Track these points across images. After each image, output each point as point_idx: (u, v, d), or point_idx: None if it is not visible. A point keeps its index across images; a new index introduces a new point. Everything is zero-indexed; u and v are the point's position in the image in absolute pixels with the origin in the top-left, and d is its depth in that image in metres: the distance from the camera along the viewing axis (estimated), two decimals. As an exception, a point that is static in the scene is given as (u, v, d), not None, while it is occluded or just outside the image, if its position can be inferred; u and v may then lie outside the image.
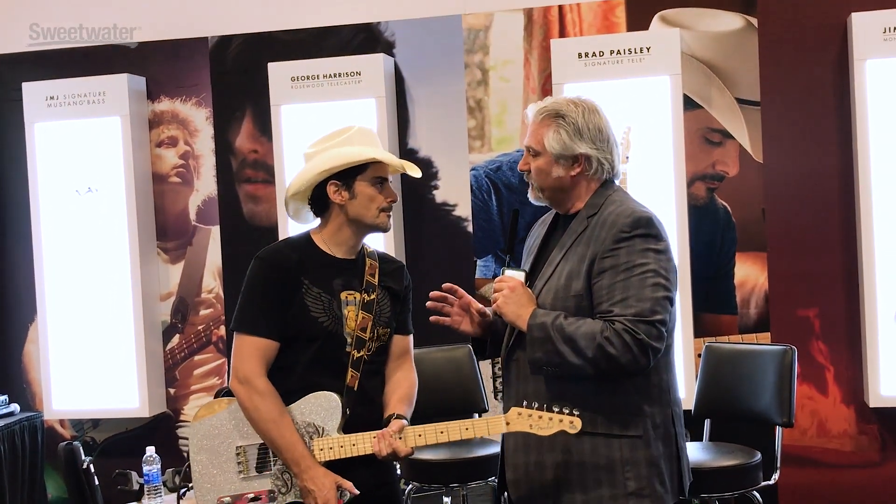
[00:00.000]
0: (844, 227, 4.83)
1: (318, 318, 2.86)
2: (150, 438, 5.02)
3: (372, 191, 2.90)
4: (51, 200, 5.40)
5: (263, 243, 5.23)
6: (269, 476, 2.90)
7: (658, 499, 2.71)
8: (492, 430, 2.73)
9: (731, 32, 4.96)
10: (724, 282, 4.96)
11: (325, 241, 2.95)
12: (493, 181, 5.18)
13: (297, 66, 5.13)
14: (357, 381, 2.88)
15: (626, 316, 2.58)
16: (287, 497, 2.88)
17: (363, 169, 2.90)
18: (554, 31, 5.10)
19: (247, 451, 2.92)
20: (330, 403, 2.86)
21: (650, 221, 2.68)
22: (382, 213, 2.92)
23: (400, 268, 3.07)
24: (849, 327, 4.83)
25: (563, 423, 2.60)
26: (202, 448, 2.95)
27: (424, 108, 5.27)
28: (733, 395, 4.31)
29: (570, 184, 2.78)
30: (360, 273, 2.95)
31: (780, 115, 4.91)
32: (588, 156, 2.75)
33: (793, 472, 4.82)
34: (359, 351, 2.89)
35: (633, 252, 2.64)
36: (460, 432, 2.77)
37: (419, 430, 2.83)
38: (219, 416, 2.94)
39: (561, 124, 2.75)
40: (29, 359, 5.66)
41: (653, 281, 2.61)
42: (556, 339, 2.61)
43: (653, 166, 4.74)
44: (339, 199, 2.91)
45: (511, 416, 2.67)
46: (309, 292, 2.87)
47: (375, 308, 2.93)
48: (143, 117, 5.48)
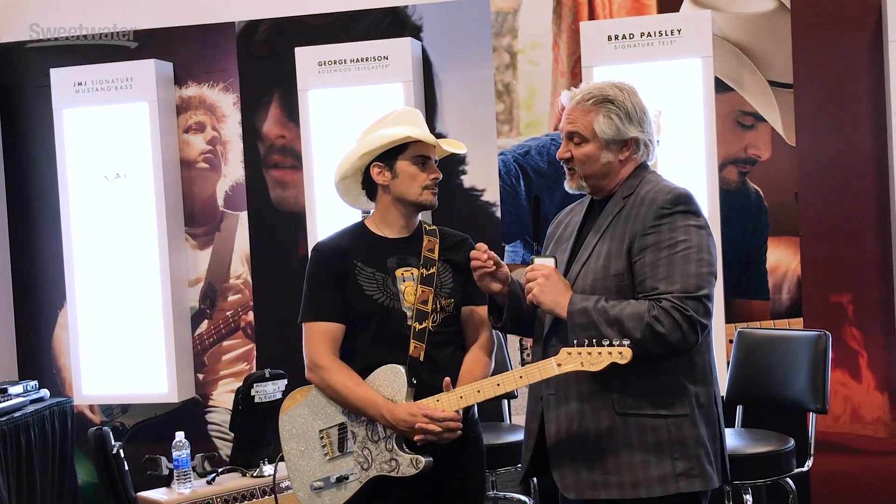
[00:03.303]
0: (879, 211, 4.77)
1: (373, 295, 2.97)
2: (178, 424, 5.04)
3: (413, 169, 2.99)
4: (79, 187, 5.41)
5: (291, 229, 5.31)
6: (352, 454, 2.98)
7: (708, 479, 2.68)
8: (543, 373, 2.69)
9: (763, 14, 4.90)
10: (756, 267, 4.90)
11: (377, 224, 3.08)
12: (522, 166, 5.14)
13: (325, 51, 5.10)
14: (423, 352, 2.96)
15: (673, 293, 2.56)
16: (369, 472, 2.95)
17: (403, 149, 2.99)
18: (583, 14, 5.05)
19: (329, 433, 3.01)
20: (395, 375, 2.95)
21: (689, 198, 2.68)
22: (426, 190, 3.01)
23: (462, 240, 3.14)
24: (883, 313, 4.77)
25: (612, 355, 2.56)
26: (291, 437, 3.07)
27: (452, 92, 5.24)
28: (766, 382, 4.26)
29: (617, 168, 2.77)
30: (417, 250, 3.04)
31: (813, 98, 4.84)
32: (637, 139, 2.76)
33: (825, 459, 4.77)
34: (421, 323, 2.97)
35: (675, 228, 2.63)
36: (515, 381, 2.77)
37: (459, 391, 2.88)
38: (301, 405, 3.07)
39: (611, 109, 2.73)
40: (58, 345, 5.69)
41: (696, 257, 2.61)
42: (600, 322, 2.58)
43: (684, 150, 4.69)
44: (383, 180, 3.02)
45: (561, 356, 2.64)
46: (362, 273, 2.99)
47: (436, 281, 3.01)
48: (171, 103, 5.48)
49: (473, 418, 3.09)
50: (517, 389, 4.58)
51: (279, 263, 5.40)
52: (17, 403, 5.11)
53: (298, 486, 3.04)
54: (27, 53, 5.66)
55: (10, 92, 5.70)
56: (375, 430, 2.95)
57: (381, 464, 2.93)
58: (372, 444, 2.95)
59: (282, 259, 5.39)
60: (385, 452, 2.93)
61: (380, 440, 2.94)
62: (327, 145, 5.05)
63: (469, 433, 3.01)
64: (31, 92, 5.67)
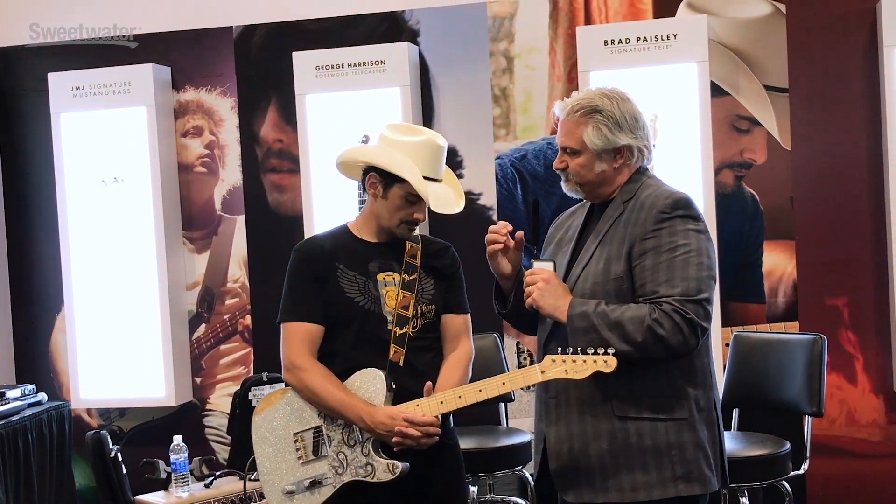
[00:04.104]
0: (874, 215, 4.79)
1: (354, 298, 2.96)
2: (176, 427, 5.04)
3: (401, 202, 2.98)
4: (77, 190, 5.42)
5: (289, 232, 5.31)
6: (327, 458, 2.95)
7: (706, 482, 2.68)
8: (527, 380, 2.70)
9: (758, 19, 4.92)
10: (752, 270, 4.92)
11: (359, 229, 3.07)
12: (519, 170, 5.16)
13: (322, 56, 5.11)
14: (402, 357, 2.95)
15: (673, 296, 2.58)
16: (344, 477, 2.93)
17: (404, 180, 2.95)
18: (580, 19, 5.07)
19: (303, 436, 2.99)
20: (374, 379, 2.92)
21: (689, 202, 2.69)
22: (404, 224, 3.01)
23: (444, 248, 3.14)
24: (878, 316, 4.78)
25: (597, 364, 2.57)
26: (264, 440, 3.03)
27: (449, 96, 5.25)
28: (762, 385, 4.28)
29: (612, 175, 2.77)
30: (399, 255, 3.03)
31: (808, 102, 4.86)
32: (629, 146, 2.76)
33: (821, 462, 4.78)
34: (401, 328, 2.96)
35: (674, 232, 2.64)
36: (497, 388, 2.77)
37: (440, 397, 2.88)
38: (276, 407, 3.04)
39: (599, 119, 2.73)
40: (56, 348, 5.69)
41: (696, 261, 2.62)
42: (601, 326, 2.59)
43: (680, 154, 4.70)
44: (373, 192, 3.01)
45: (545, 364, 2.65)
46: (344, 275, 2.98)
47: (417, 287, 3.00)
48: (169, 107, 5.49)
49: (450, 426, 3.08)
50: (513, 392, 4.63)
51: (277, 267, 5.33)
52: (15, 407, 5.12)
53: (270, 490, 2.99)
54: (25, 57, 5.66)
55: (8, 96, 5.71)
56: (352, 435, 2.92)
57: (357, 468, 2.90)
58: (348, 448, 2.92)
59: (279, 263, 5.32)
60: (361, 457, 2.91)
61: (356, 444, 2.92)
62: (325, 149, 5.05)
63: (445, 440, 2.99)
64: (29, 96, 5.68)
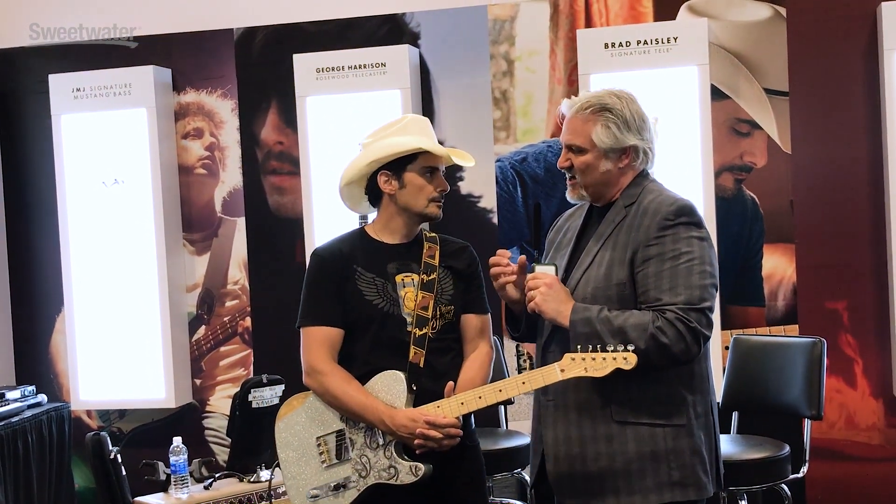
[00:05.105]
0: (874, 218, 4.79)
1: (373, 300, 2.95)
2: (176, 429, 5.04)
3: (421, 181, 2.97)
4: (77, 192, 5.42)
5: (289, 235, 5.32)
6: (350, 461, 2.95)
7: (702, 488, 2.69)
8: (547, 379, 2.68)
9: (759, 22, 4.92)
10: (751, 274, 4.92)
11: (378, 231, 3.05)
12: (519, 172, 5.16)
13: (323, 58, 5.12)
14: (422, 358, 2.94)
15: (677, 304, 2.57)
16: (367, 480, 2.93)
17: (413, 159, 2.96)
18: (580, 21, 5.07)
19: (326, 440, 2.99)
20: (395, 381, 2.92)
21: (692, 210, 2.69)
22: (432, 202, 3.00)
23: (463, 248, 3.13)
24: (878, 320, 4.78)
25: (617, 361, 2.55)
26: (287, 444, 3.03)
27: (450, 99, 5.25)
28: (761, 388, 4.27)
29: (617, 176, 2.77)
30: (417, 256, 3.02)
31: (808, 106, 4.86)
32: (636, 147, 2.77)
33: (821, 466, 4.78)
34: (421, 329, 2.95)
35: (678, 240, 2.63)
36: (517, 387, 2.74)
37: (460, 398, 2.86)
38: (298, 412, 3.04)
39: (609, 118, 2.74)
40: (56, 350, 5.69)
41: (699, 269, 2.62)
42: (604, 332, 2.59)
43: (680, 157, 4.70)
44: (390, 189, 2.99)
45: (564, 362, 2.63)
46: (362, 278, 2.97)
47: (436, 287, 2.99)
48: (169, 109, 5.49)
49: (471, 427, 3.08)
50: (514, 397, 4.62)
51: (277, 269, 5.41)
52: (15, 408, 5.12)
53: (295, 494, 3.01)
54: (26, 59, 5.67)
55: (8, 97, 5.71)
56: (374, 437, 2.93)
57: (380, 471, 2.91)
58: (370, 451, 2.93)
59: (279, 265, 5.40)
60: (384, 460, 2.91)
61: (378, 447, 2.92)
62: (325, 152, 5.06)
63: (467, 442, 3.00)
64: (29, 97, 5.68)
